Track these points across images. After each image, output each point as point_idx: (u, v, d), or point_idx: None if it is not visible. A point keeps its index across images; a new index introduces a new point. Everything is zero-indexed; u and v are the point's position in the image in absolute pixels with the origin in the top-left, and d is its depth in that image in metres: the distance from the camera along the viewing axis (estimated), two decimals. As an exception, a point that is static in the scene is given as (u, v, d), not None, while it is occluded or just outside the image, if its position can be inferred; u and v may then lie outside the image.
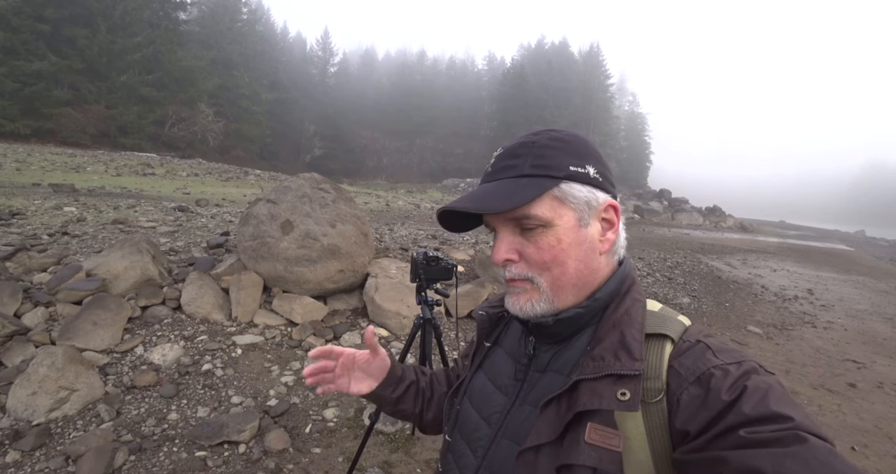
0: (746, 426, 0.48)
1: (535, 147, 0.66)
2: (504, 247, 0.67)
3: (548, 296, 0.66)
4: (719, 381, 0.53)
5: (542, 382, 0.68)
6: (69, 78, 28.33)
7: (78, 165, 17.20)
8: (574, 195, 0.65)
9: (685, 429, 0.53)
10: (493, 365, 0.79)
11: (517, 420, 0.68)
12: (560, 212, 0.65)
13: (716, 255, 15.15)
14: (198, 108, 34.19)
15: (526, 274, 0.66)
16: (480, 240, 9.72)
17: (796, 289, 10.33)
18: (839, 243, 33.00)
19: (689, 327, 0.64)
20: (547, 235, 0.64)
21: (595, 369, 0.59)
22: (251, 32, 46.29)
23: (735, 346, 0.60)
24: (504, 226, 0.68)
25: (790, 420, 0.48)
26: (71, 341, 2.98)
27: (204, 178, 19.45)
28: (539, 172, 0.65)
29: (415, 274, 1.54)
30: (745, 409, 0.49)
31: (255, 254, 3.87)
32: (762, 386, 0.52)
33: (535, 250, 0.65)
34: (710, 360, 0.56)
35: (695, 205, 41.55)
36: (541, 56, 62.92)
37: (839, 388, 4.62)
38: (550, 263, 0.65)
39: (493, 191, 0.65)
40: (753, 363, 0.56)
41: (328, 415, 2.72)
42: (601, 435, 0.55)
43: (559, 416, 0.59)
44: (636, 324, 0.62)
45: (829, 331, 6.85)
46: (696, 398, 0.54)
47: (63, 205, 8.07)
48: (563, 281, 0.66)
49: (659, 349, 0.60)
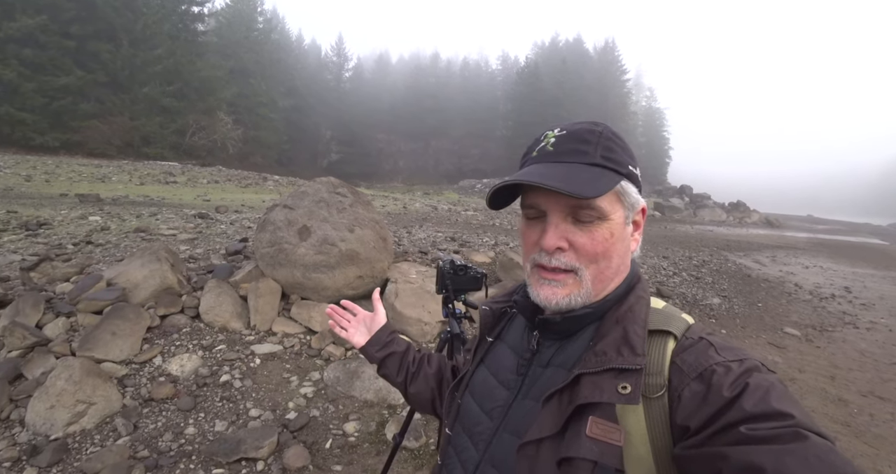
0: (747, 422, 0.48)
1: (602, 138, 0.66)
2: (557, 234, 0.65)
3: (588, 290, 0.66)
4: (721, 378, 0.54)
5: (545, 377, 0.69)
6: (94, 91, 29.16)
7: (104, 176, 17.65)
8: (629, 193, 0.66)
9: (686, 425, 0.53)
10: (495, 359, 0.79)
11: (519, 414, 0.69)
12: (615, 208, 0.65)
13: (742, 252, 14.64)
14: (217, 116, 34.80)
15: (573, 265, 0.65)
16: (500, 241, 9.55)
17: (832, 286, 9.86)
18: (872, 237, 31.75)
19: (692, 325, 0.64)
20: (602, 228, 0.64)
21: (597, 363, 0.60)
22: (267, 41, 46.97)
23: (737, 344, 0.62)
24: (559, 212, 0.65)
25: (791, 417, 0.48)
26: (90, 352, 2.95)
27: (224, 185, 19.76)
28: (609, 165, 0.65)
29: (441, 284, 1.41)
30: (746, 406, 0.49)
31: (272, 260, 3.80)
32: (763, 383, 0.52)
33: (588, 241, 0.64)
34: (713, 357, 0.57)
35: (717, 201, 40.50)
36: (555, 54, 62.28)
37: (891, 395, 4.31)
38: (600, 256, 0.65)
39: (571, 174, 0.63)
40: (755, 361, 0.56)
41: (349, 430, 2.61)
42: (602, 429, 0.55)
43: (561, 410, 0.60)
44: (639, 320, 0.63)
45: (873, 332, 6.47)
46: (698, 394, 0.54)
47: (88, 215, 8.23)
48: (605, 275, 0.66)
49: (661, 345, 0.61)
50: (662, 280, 8.07)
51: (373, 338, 1.07)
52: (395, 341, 1.08)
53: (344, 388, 2.96)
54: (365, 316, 1.13)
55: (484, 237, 10.10)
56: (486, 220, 16.41)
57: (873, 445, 3.28)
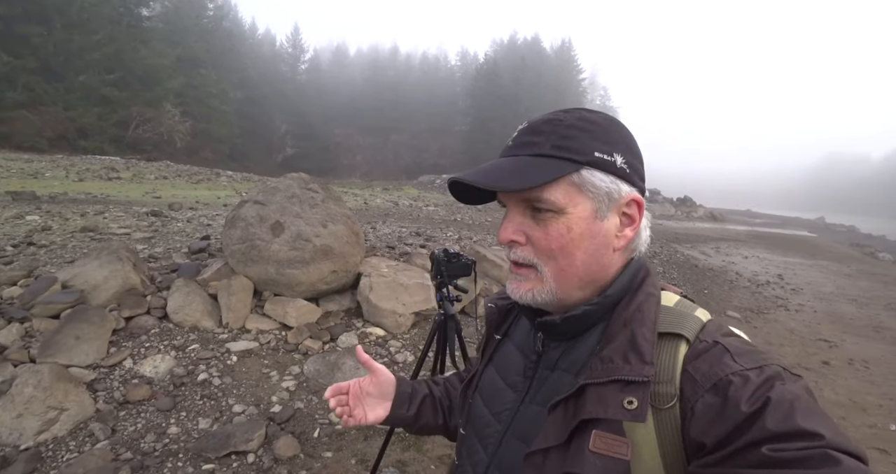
0: (770, 442, 0.44)
1: (560, 125, 0.61)
2: (511, 227, 0.64)
3: (551, 287, 0.63)
4: (738, 390, 0.49)
5: (551, 381, 0.66)
6: (23, 78, 26.64)
7: (36, 171, 16.29)
8: (594, 184, 0.60)
9: (700, 441, 0.49)
10: (502, 358, 0.78)
11: (526, 419, 0.67)
12: (575, 200, 0.60)
13: (690, 244, 15.64)
14: (163, 108, 32.76)
15: (531, 259, 0.63)
16: (464, 235, 9.73)
17: (767, 274, 10.78)
18: (802, 230, 34.58)
19: (706, 324, 0.59)
20: (557, 222, 0.61)
21: (602, 372, 0.56)
22: (218, 29, 44.70)
23: (757, 347, 0.56)
24: (515, 206, 0.64)
25: (820, 437, 0.43)
26: (53, 358, 2.82)
27: (174, 181, 18.76)
28: (560, 154, 0.60)
29: (437, 270, 1.52)
30: (769, 424, 0.45)
31: (244, 257, 3.76)
32: (787, 396, 0.47)
33: (543, 235, 0.61)
34: (729, 365, 0.51)
35: (666, 196, 42.73)
36: (514, 51, 63.13)
37: (814, 366, 4.86)
38: (557, 252, 0.61)
39: (507, 167, 0.61)
40: (777, 367, 0.51)
41: (335, 418, 2.67)
42: (607, 443, 0.52)
43: (566, 420, 0.56)
44: (648, 322, 0.58)
45: (801, 313, 7.19)
46: (713, 408, 0.49)
47: (25, 214, 7.64)
48: (568, 273, 0.62)
49: (672, 350, 0.56)
50: (619, 271, 8.53)
51: (396, 399, 0.88)
52: (417, 384, 0.93)
53: (325, 380, 3.01)
54: (360, 384, 0.88)
55: (448, 232, 10.25)
56: (447, 216, 16.60)
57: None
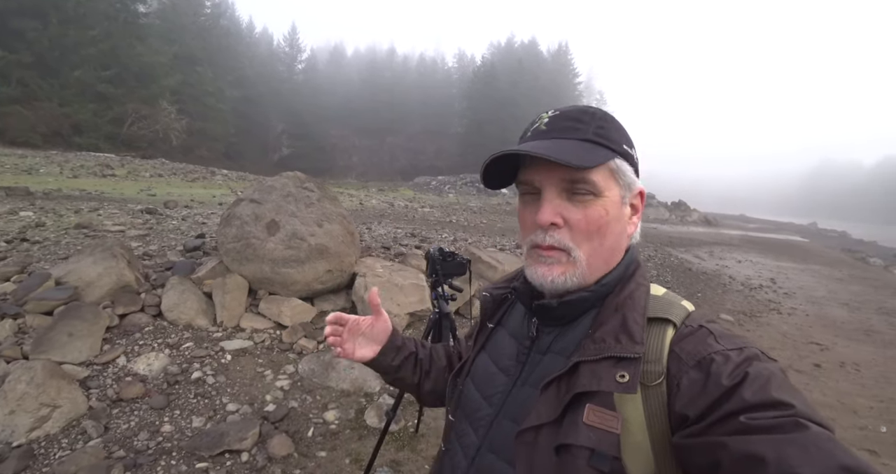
0: (747, 412, 0.48)
1: (596, 117, 0.67)
2: (552, 209, 0.65)
3: (582, 270, 0.66)
4: (720, 366, 0.53)
5: (544, 363, 0.69)
6: (17, 73, 26.37)
7: (30, 167, 16.16)
8: (624, 172, 0.66)
9: (684, 414, 0.53)
10: (495, 345, 0.80)
11: (518, 400, 0.69)
12: (609, 185, 0.65)
13: (684, 248, 15.75)
14: (159, 105, 32.53)
15: (567, 243, 0.65)
16: (459, 237, 9.75)
17: (760, 278, 10.87)
18: (795, 235, 34.88)
19: (691, 312, 0.64)
20: (596, 204, 0.64)
21: (595, 351, 0.60)
22: (215, 27, 44.56)
23: (737, 332, 0.61)
24: (553, 187, 0.66)
25: (791, 407, 0.48)
26: (46, 354, 2.81)
27: (169, 179, 18.67)
28: (601, 141, 0.65)
29: (432, 269, 1.53)
30: (746, 395, 0.49)
31: (239, 255, 3.75)
32: (764, 372, 0.52)
33: (582, 217, 0.64)
34: (712, 345, 0.57)
35: (661, 201, 42.98)
36: (511, 54, 63.36)
37: (806, 369, 4.90)
38: (595, 233, 0.65)
39: (563, 147, 0.63)
40: (755, 349, 0.56)
41: (329, 418, 2.68)
42: (599, 416, 0.56)
43: (559, 397, 0.60)
44: (638, 307, 0.63)
45: (793, 317, 7.26)
46: (696, 382, 0.54)
47: (18, 210, 7.58)
48: (599, 254, 0.66)
49: (660, 333, 0.61)
50: (613, 273, 8.57)
51: (387, 345, 0.94)
52: (407, 341, 0.99)
53: (320, 380, 3.01)
54: (357, 323, 0.93)
55: (443, 233, 10.27)
56: (443, 217, 16.62)
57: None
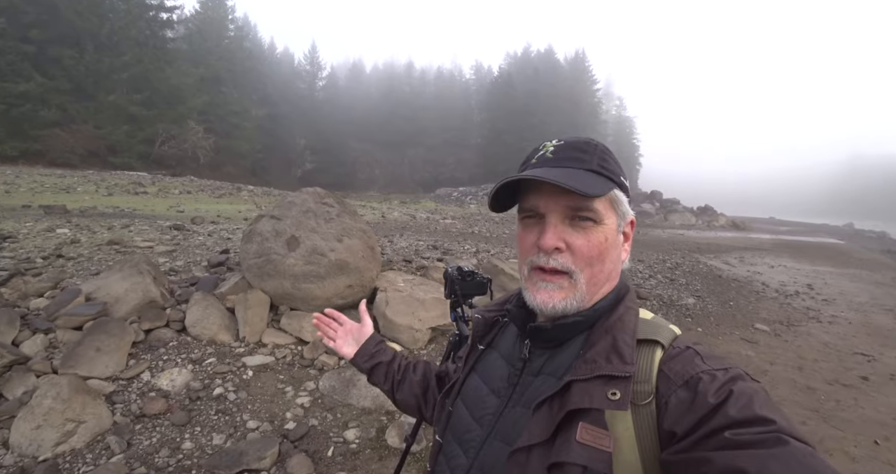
0: (731, 428, 0.50)
1: (597, 149, 0.70)
2: (556, 234, 0.67)
3: (582, 293, 0.68)
4: (706, 385, 0.55)
5: (535, 385, 0.70)
6: (56, 98, 27.96)
7: (68, 186, 16.95)
8: (621, 202, 0.70)
9: (672, 431, 0.55)
10: (486, 367, 0.81)
11: (509, 421, 0.70)
12: (609, 213, 0.69)
13: (713, 254, 15.24)
14: (187, 125, 33.87)
15: (570, 267, 0.67)
16: (481, 248, 9.67)
17: (796, 284, 10.37)
18: (830, 237, 33.42)
19: (678, 335, 0.67)
20: (597, 231, 0.67)
21: (587, 371, 0.61)
22: (239, 49, 46.19)
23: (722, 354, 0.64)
24: (557, 213, 0.68)
25: (773, 423, 0.49)
26: (74, 369, 2.86)
27: (197, 196, 19.26)
28: (604, 172, 0.69)
29: (450, 290, 1.48)
30: (731, 412, 0.51)
31: (260, 271, 3.78)
32: (747, 391, 0.54)
33: (585, 243, 0.67)
34: (699, 365, 0.59)
35: (686, 206, 41.96)
36: (527, 64, 63.46)
37: (853, 382, 4.59)
38: (595, 259, 0.67)
39: (573, 176, 0.66)
40: (740, 370, 0.58)
41: (349, 437, 2.63)
42: (592, 434, 0.57)
43: (551, 416, 0.61)
44: (628, 329, 0.65)
45: (835, 325, 6.86)
46: (684, 401, 0.56)
47: (55, 227, 7.90)
48: (598, 279, 0.69)
49: (650, 354, 0.62)
50: (639, 283, 8.33)
51: (361, 349, 1.11)
52: (382, 351, 1.11)
53: (340, 397, 2.97)
54: (352, 326, 1.15)
55: (465, 245, 10.21)
56: (465, 228, 16.56)
57: (840, 428, 3.51)
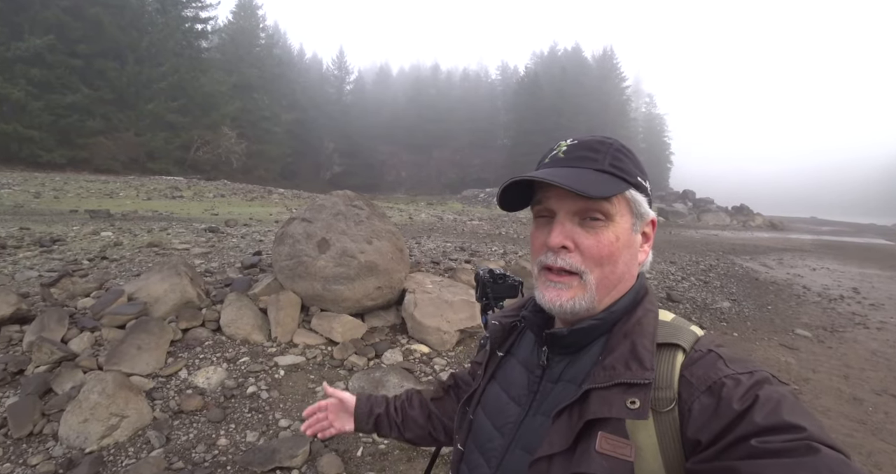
0: (758, 435, 0.48)
1: (611, 148, 0.69)
2: (563, 233, 0.66)
3: (592, 294, 0.66)
4: (731, 391, 0.53)
5: (555, 392, 0.69)
6: (101, 108, 29.63)
7: (111, 191, 17.85)
8: (637, 201, 0.68)
9: (697, 438, 0.53)
10: (506, 375, 0.80)
11: (530, 430, 0.69)
12: (623, 213, 0.67)
13: (749, 256, 14.64)
14: (221, 131, 35.20)
15: (578, 267, 0.66)
16: (508, 250, 9.61)
17: (840, 288, 9.83)
18: (877, 237, 31.62)
19: (700, 337, 0.64)
20: (608, 230, 0.66)
21: (605, 378, 0.60)
22: (269, 56, 47.62)
23: (746, 356, 0.60)
24: (566, 212, 0.67)
25: (802, 430, 0.47)
26: (118, 366, 3.00)
27: (230, 199, 19.92)
28: (616, 172, 0.67)
29: (482, 293, 1.47)
30: (757, 419, 0.49)
31: (291, 273, 3.87)
32: (774, 395, 0.51)
33: (594, 242, 0.65)
34: (722, 370, 0.57)
35: (720, 205, 40.56)
36: (554, 63, 62.86)
37: (907, 394, 4.31)
38: (605, 259, 0.65)
39: (580, 176, 0.65)
40: (765, 373, 0.56)
41: (378, 438, 2.65)
42: (612, 444, 0.55)
43: (571, 425, 0.59)
44: (647, 334, 0.63)
45: (884, 332, 6.46)
46: (708, 407, 0.54)
47: (100, 230, 8.33)
48: (610, 279, 0.67)
49: (670, 359, 0.61)
50: (671, 285, 8.09)
51: (357, 415, 1.07)
52: (376, 403, 1.09)
53: (368, 398, 2.99)
54: (335, 405, 1.10)
55: (492, 246, 10.17)
56: (492, 230, 16.49)
57: (890, 442, 3.30)
